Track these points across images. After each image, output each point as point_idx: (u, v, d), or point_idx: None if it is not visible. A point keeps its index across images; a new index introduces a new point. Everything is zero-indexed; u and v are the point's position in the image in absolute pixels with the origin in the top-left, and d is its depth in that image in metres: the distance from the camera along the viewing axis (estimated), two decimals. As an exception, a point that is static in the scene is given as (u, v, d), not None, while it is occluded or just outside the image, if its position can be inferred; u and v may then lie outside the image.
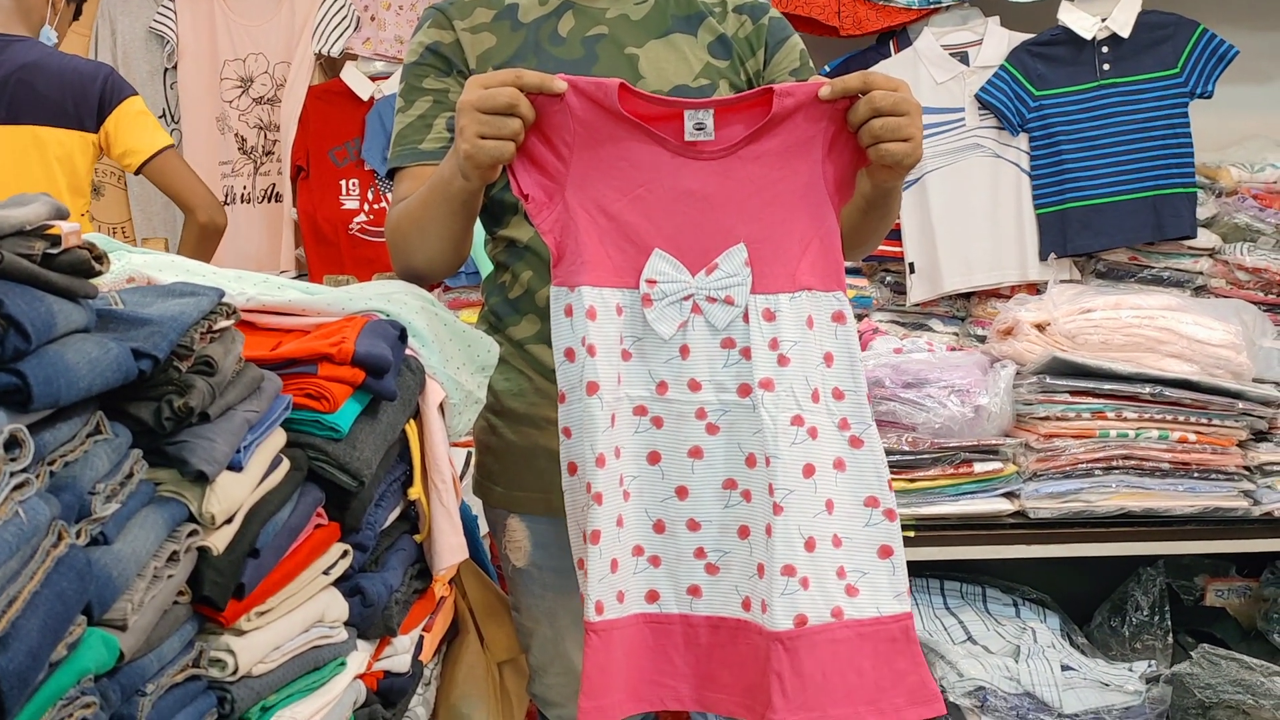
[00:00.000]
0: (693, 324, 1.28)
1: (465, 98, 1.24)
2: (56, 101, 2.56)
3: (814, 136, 1.26)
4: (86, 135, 2.61)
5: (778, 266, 1.27)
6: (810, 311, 1.27)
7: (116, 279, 1.26)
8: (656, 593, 1.30)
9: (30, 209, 0.85)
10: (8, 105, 2.54)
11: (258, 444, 1.06)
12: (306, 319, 1.34)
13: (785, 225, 1.27)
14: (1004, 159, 2.85)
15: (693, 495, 1.29)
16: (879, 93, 1.23)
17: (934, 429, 2.32)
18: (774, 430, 1.25)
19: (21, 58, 2.55)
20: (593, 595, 1.26)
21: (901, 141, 1.23)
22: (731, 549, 1.29)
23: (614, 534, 1.27)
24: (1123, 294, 2.53)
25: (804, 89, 1.25)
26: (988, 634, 2.42)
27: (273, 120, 3.20)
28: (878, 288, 2.93)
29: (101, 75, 2.62)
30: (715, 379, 1.28)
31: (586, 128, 1.26)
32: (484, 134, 1.23)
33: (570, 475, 1.29)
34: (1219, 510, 2.35)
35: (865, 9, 2.92)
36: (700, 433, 1.29)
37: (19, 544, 0.73)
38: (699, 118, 1.26)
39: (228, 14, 3.20)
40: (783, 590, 1.23)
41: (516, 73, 1.24)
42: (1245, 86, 3.03)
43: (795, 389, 1.26)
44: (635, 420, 1.29)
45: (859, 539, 1.27)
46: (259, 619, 1.05)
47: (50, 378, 0.80)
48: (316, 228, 3.16)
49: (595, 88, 1.25)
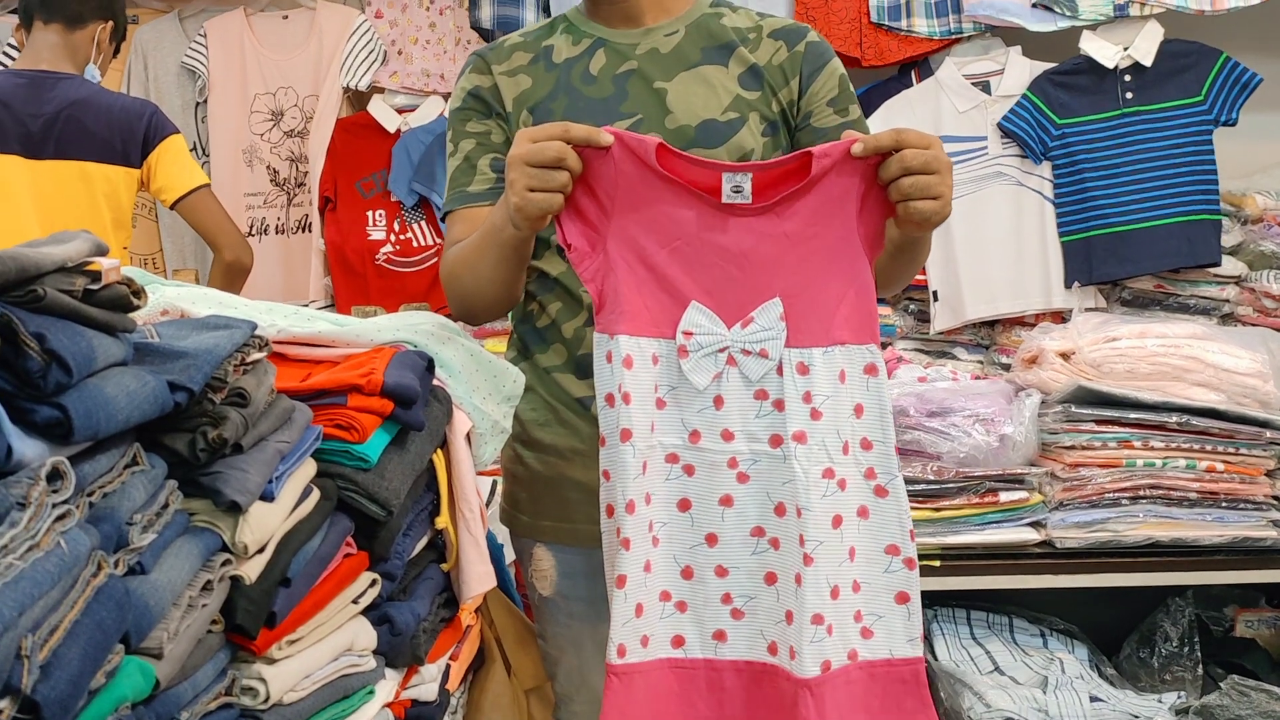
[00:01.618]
0: (727, 375, 1.29)
1: (514, 151, 1.27)
2: (104, 138, 2.62)
3: (847, 192, 1.27)
4: (131, 171, 2.67)
5: (812, 321, 1.28)
6: (843, 365, 1.29)
7: (151, 312, 1.28)
8: (682, 638, 1.31)
9: (72, 246, 0.88)
10: (57, 141, 2.60)
11: (289, 474, 1.07)
12: (336, 350, 1.36)
13: (820, 280, 1.28)
14: (1027, 187, 2.86)
15: (722, 542, 1.30)
16: (910, 151, 1.23)
17: (959, 458, 2.31)
18: (806, 483, 1.27)
19: (71, 95, 2.62)
20: (615, 638, 1.27)
21: (930, 200, 1.24)
22: (759, 594, 1.30)
23: (641, 579, 1.28)
24: (1148, 322, 2.52)
25: (838, 148, 1.26)
26: (1015, 664, 2.41)
27: (304, 152, 3.24)
28: (902, 316, 2.94)
29: (147, 113, 2.69)
30: (748, 429, 1.30)
31: (629, 180, 1.28)
32: (533, 187, 1.25)
33: (608, 517, 1.31)
34: (1248, 540, 2.33)
35: (887, 39, 2.94)
36: (731, 481, 1.30)
37: (60, 574, 0.75)
38: (737, 180, 1.27)
39: (258, 48, 3.25)
40: (812, 638, 1.25)
41: (564, 126, 1.26)
42: (1269, 114, 3.02)
43: (827, 442, 1.28)
44: (667, 468, 1.30)
45: (878, 585, 1.29)
46: (290, 647, 1.07)
47: (90, 411, 0.82)
48: (344, 258, 3.19)
49: (638, 144, 1.27)
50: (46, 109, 2.59)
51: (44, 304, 0.81)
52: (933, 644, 2.51)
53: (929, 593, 2.53)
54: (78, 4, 2.67)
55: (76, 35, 2.69)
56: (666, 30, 1.62)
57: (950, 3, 2.91)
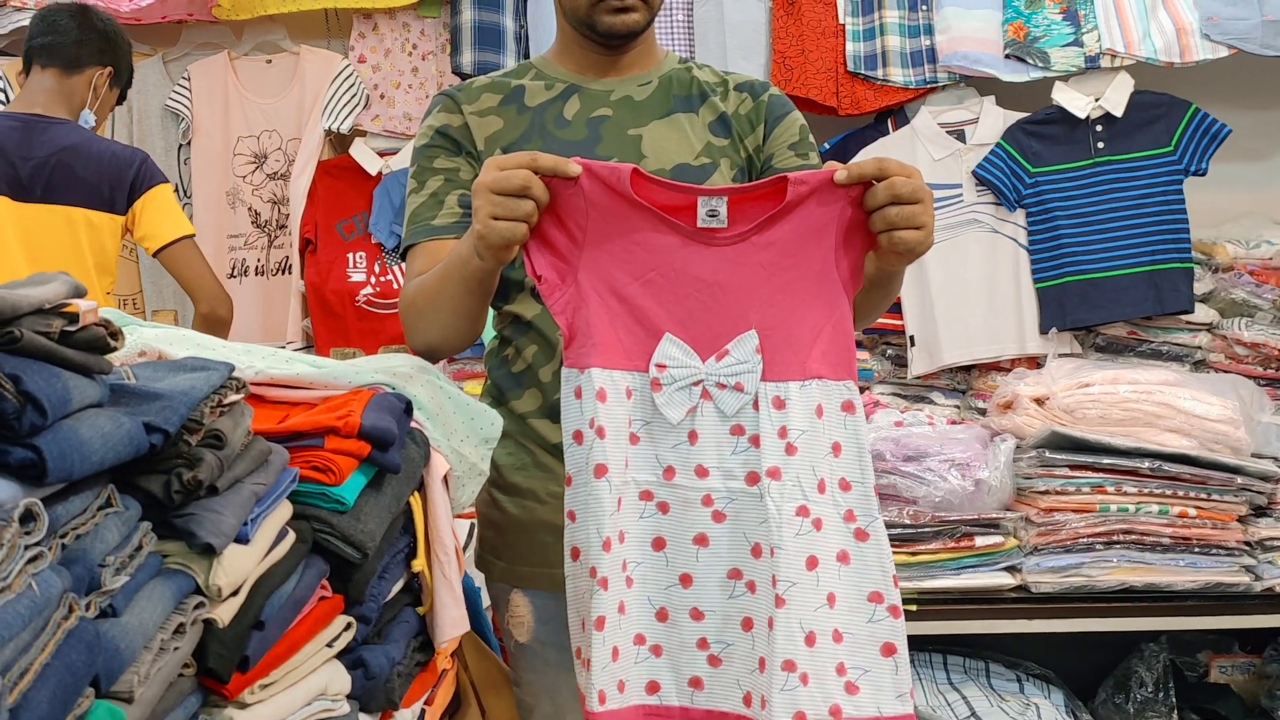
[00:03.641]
0: (702, 410, 1.27)
1: (480, 179, 1.25)
2: (93, 185, 2.64)
3: (827, 223, 1.25)
4: (116, 218, 2.69)
5: (789, 354, 1.26)
6: (820, 400, 1.26)
7: (128, 353, 1.28)
8: (657, 684, 1.27)
9: (49, 288, 0.88)
10: (45, 185, 2.61)
11: (264, 516, 1.07)
12: (314, 392, 1.36)
13: (798, 313, 1.26)
14: (1001, 234, 2.90)
15: (697, 583, 1.27)
16: (899, 179, 1.21)
17: (934, 502, 2.32)
18: (779, 520, 1.23)
19: (63, 140, 2.63)
20: (596, 684, 1.23)
21: (914, 230, 1.22)
22: (734, 641, 1.26)
23: (616, 620, 1.25)
24: (1121, 369, 2.55)
25: (818, 176, 1.24)
26: (991, 710, 2.40)
27: (285, 194, 3.26)
28: (879, 360, 2.96)
29: (137, 161, 2.71)
30: (723, 466, 1.27)
31: (600, 211, 1.26)
32: (497, 215, 1.24)
33: (573, 560, 1.28)
34: (1220, 585, 2.35)
35: (863, 89, 2.98)
36: (706, 520, 1.27)
37: (31, 616, 0.75)
38: (712, 205, 1.25)
39: (242, 92, 3.28)
40: (782, 686, 1.20)
41: (531, 155, 1.25)
42: (1239, 164, 3.08)
43: (801, 479, 1.24)
44: (641, 505, 1.27)
45: (861, 635, 1.24)
46: (262, 691, 1.06)
47: (65, 453, 0.82)
48: (324, 300, 3.19)
49: (609, 172, 1.25)
50: (37, 153, 2.61)
51: (20, 345, 0.81)
52: (909, 689, 2.50)
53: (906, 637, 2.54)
54: (76, 48, 2.69)
55: (73, 80, 2.71)
56: (639, 81, 1.67)
57: (925, 53, 2.96)
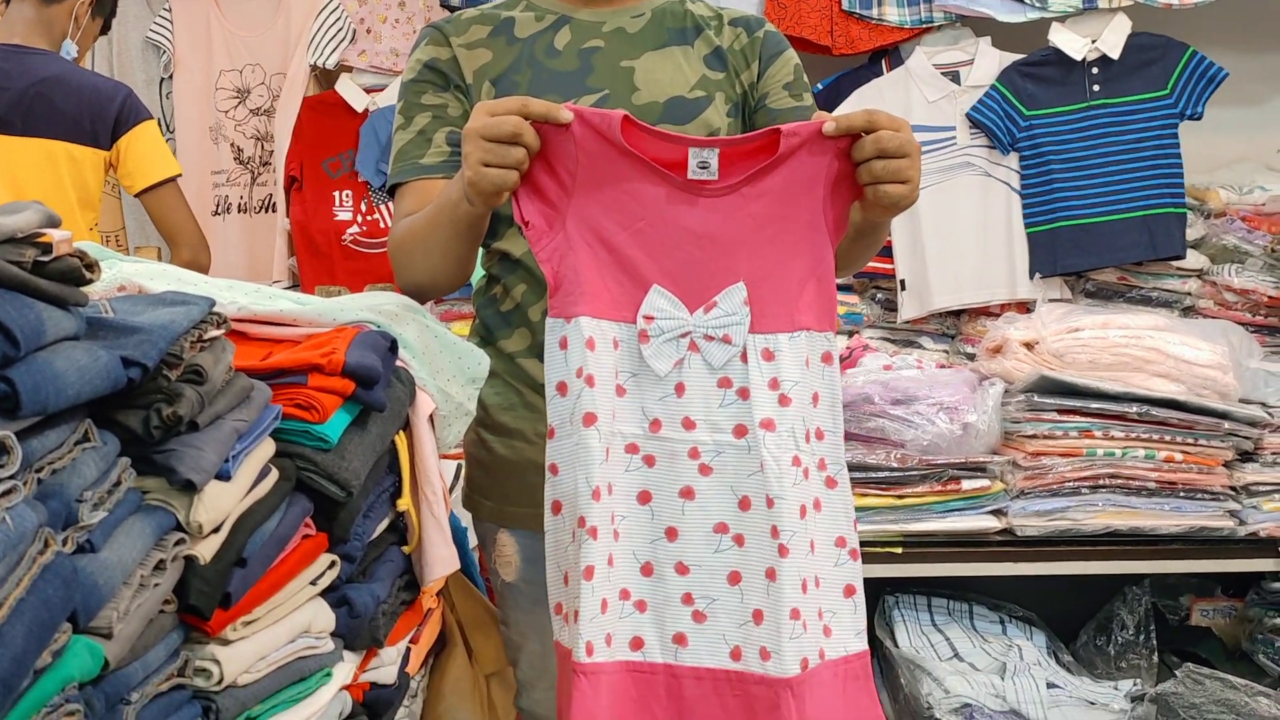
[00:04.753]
0: (689, 362, 1.26)
1: (471, 125, 1.24)
2: (74, 117, 2.58)
3: (816, 174, 1.24)
4: (100, 152, 2.63)
5: (776, 306, 1.25)
6: (807, 352, 1.26)
7: (107, 287, 1.26)
8: (641, 640, 1.26)
9: (22, 217, 0.86)
10: (24, 117, 2.55)
11: (246, 453, 1.06)
12: (297, 329, 1.34)
13: (786, 264, 1.25)
14: (994, 178, 2.87)
15: (682, 537, 1.26)
16: (886, 133, 1.21)
17: (922, 446, 2.32)
18: (778, 472, 1.22)
19: (42, 71, 2.57)
20: (584, 635, 1.22)
21: (900, 184, 1.22)
22: (719, 596, 1.25)
23: (605, 573, 1.24)
24: (1111, 313, 2.54)
25: (809, 128, 1.23)
26: (974, 651, 2.43)
27: (269, 131, 3.21)
28: (868, 304, 2.95)
29: (121, 95, 2.64)
30: (710, 419, 1.26)
31: (590, 158, 1.24)
32: (488, 161, 1.22)
33: (554, 515, 1.27)
34: (1205, 530, 2.36)
35: (858, 28, 2.94)
36: (693, 472, 1.26)
37: (5, 551, 0.73)
38: (703, 156, 1.24)
39: (224, 24, 3.21)
40: (791, 634, 1.21)
41: (523, 101, 1.23)
42: (1234, 109, 3.06)
43: (795, 430, 1.24)
44: (627, 458, 1.26)
45: (831, 579, 1.26)
46: (245, 629, 1.05)
47: (39, 385, 0.80)
48: (310, 238, 3.16)
49: (600, 119, 1.23)
50: (16, 84, 2.55)
51: (-9, 275, 0.79)
52: (893, 630, 2.53)
53: (891, 579, 2.56)
54: None
55: (53, 10, 2.64)
56: (632, 13, 1.64)
57: (921, -9, 2.91)
